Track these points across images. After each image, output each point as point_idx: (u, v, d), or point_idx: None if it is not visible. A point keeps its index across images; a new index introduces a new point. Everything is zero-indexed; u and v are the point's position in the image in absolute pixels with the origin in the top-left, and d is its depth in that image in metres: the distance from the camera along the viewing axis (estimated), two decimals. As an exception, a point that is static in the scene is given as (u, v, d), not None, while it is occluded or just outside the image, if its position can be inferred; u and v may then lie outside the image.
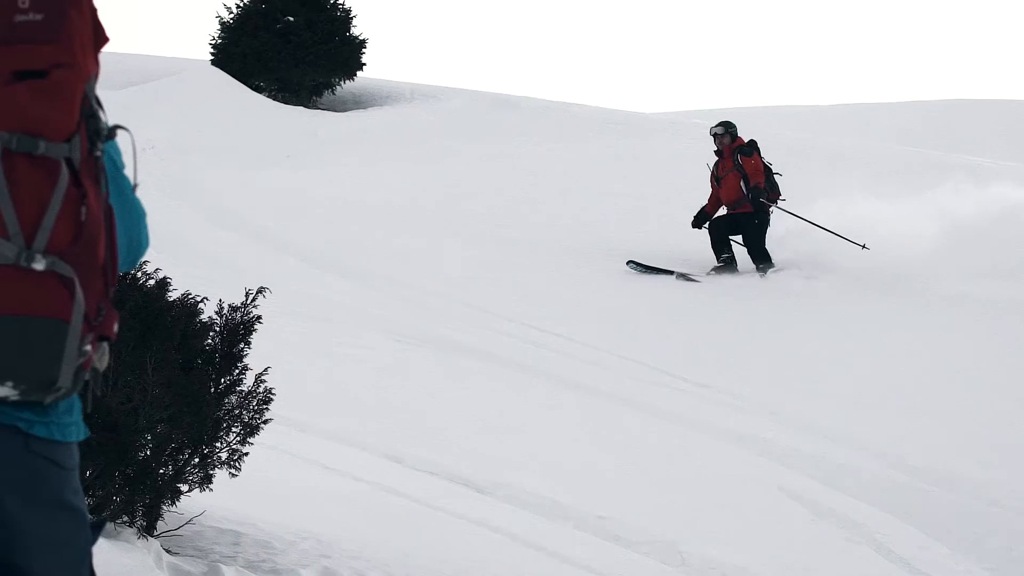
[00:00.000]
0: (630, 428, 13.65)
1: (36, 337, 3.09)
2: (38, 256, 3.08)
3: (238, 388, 8.49)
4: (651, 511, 11.37)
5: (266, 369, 8.62)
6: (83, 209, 3.14)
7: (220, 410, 8.37)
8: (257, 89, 33.71)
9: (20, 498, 3.24)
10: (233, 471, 8.58)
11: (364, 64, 35.64)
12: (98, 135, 3.23)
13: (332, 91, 35.52)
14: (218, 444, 8.46)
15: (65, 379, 3.15)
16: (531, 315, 17.68)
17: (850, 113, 59.62)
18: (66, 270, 3.10)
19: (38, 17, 3.14)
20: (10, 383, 3.12)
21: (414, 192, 23.78)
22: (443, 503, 11.03)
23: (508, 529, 10.62)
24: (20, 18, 3.13)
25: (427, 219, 21.06)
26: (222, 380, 8.42)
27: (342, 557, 9.06)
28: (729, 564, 10.33)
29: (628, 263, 20.16)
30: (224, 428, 8.44)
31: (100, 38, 3.26)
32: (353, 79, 35.68)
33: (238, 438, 8.54)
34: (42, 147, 3.10)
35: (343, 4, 35.86)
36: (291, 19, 34.82)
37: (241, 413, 8.49)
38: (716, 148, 20.74)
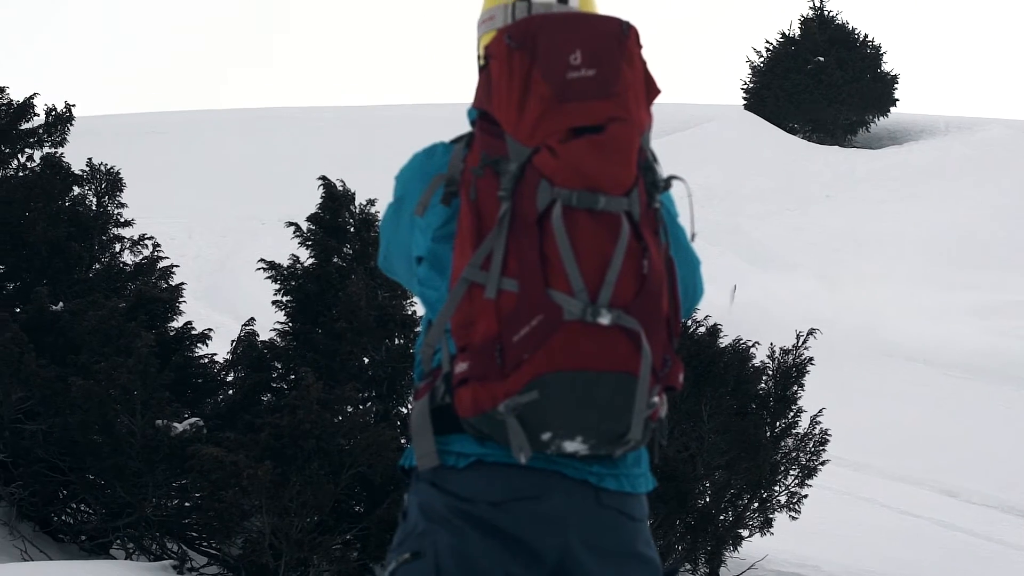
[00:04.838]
0: None
1: (605, 391, 3.10)
2: (603, 311, 3.09)
3: (793, 431, 8.49)
4: None
5: (821, 410, 8.56)
6: (645, 262, 3.15)
7: (777, 453, 8.38)
8: (790, 131, 33.70)
9: (595, 552, 3.27)
10: (793, 514, 8.58)
11: (897, 99, 35.13)
12: (655, 187, 3.24)
13: (866, 128, 35.21)
14: (776, 488, 8.47)
15: (635, 431, 3.15)
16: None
17: None
18: (631, 323, 3.11)
19: (591, 73, 3.18)
20: (580, 438, 3.15)
21: (958, 225, 23.24)
22: (1003, 535, 10.79)
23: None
24: (573, 75, 3.18)
25: (971, 254, 20.49)
26: (777, 423, 8.42)
27: (906, 598, 8.93)
28: None
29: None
30: (782, 471, 8.45)
31: (652, 90, 3.27)
32: (886, 115, 35.27)
33: (796, 480, 8.54)
34: (602, 202, 3.12)
35: (872, 41, 35.47)
36: (821, 59, 34.73)
37: (798, 455, 8.47)
38: None
